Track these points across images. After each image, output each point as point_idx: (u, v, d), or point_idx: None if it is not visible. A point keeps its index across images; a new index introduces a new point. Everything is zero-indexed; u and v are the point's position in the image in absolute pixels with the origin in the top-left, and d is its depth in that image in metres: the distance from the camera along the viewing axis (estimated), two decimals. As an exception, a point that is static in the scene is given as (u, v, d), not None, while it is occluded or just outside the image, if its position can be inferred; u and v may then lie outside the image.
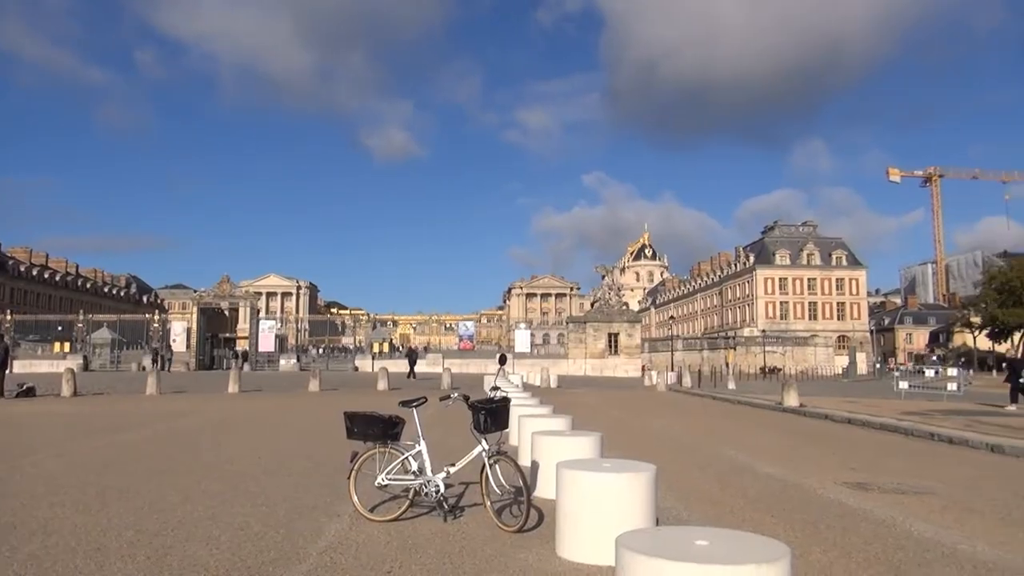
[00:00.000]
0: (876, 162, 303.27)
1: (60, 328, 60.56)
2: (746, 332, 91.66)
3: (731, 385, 37.12)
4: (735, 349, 75.21)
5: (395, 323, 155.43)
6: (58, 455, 10.27)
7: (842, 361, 73.67)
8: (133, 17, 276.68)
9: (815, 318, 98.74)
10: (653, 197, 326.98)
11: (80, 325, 56.28)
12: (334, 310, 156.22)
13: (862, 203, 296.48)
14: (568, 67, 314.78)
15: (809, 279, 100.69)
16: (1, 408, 19.10)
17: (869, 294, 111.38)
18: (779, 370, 65.76)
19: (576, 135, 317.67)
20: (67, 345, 55.14)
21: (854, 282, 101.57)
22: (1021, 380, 21.04)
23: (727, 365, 62.03)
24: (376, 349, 61.34)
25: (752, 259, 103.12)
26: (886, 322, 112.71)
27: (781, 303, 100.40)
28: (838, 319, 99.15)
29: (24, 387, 23.22)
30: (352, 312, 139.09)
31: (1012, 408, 20.23)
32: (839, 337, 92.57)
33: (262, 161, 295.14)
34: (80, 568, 4.85)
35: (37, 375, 35.78)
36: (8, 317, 56.37)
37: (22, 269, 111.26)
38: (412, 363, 40.36)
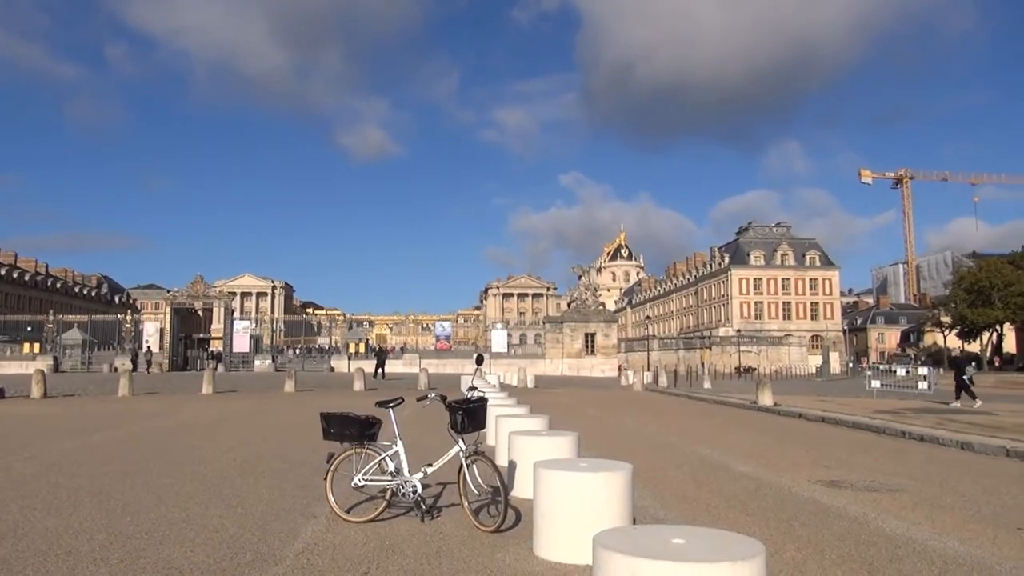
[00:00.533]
0: (849, 163, 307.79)
1: (29, 329, 59.65)
2: (721, 332, 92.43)
3: (707, 384, 37.41)
4: (710, 349, 75.77)
5: (371, 323, 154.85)
6: (28, 457, 10.11)
7: (815, 360, 74.49)
8: (104, 12, 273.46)
9: (789, 318, 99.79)
10: (629, 197, 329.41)
11: (50, 325, 55.45)
12: (310, 310, 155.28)
13: (835, 204, 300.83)
14: (545, 67, 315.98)
15: (783, 279, 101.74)
16: (-31, 410, 18.77)
17: (842, 294, 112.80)
18: (754, 370, 66.36)
19: (553, 135, 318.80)
20: (37, 346, 54.31)
21: (827, 282, 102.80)
22: (964, 377, 21.79)
23: (702, 365, 62.48)
24: (352, 349, 61.04)
25: (727, 259, 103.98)
26: (859, 322, 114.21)
27: (756, 303, 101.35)
28: (812, 319, 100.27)
29: (-8, 389, 22.82)
30: (328, 312, 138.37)
31: (956, 404, 20.90)
32: (813, 337, 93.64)
33: (237, 160, 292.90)
34: (51, 572, 4.78)
35: (6, 376, 35.14)
36: (-25, 317, 55.38)
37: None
38: (381, 363, 40.25)
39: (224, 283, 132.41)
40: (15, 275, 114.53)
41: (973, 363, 22.53)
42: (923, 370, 27.67)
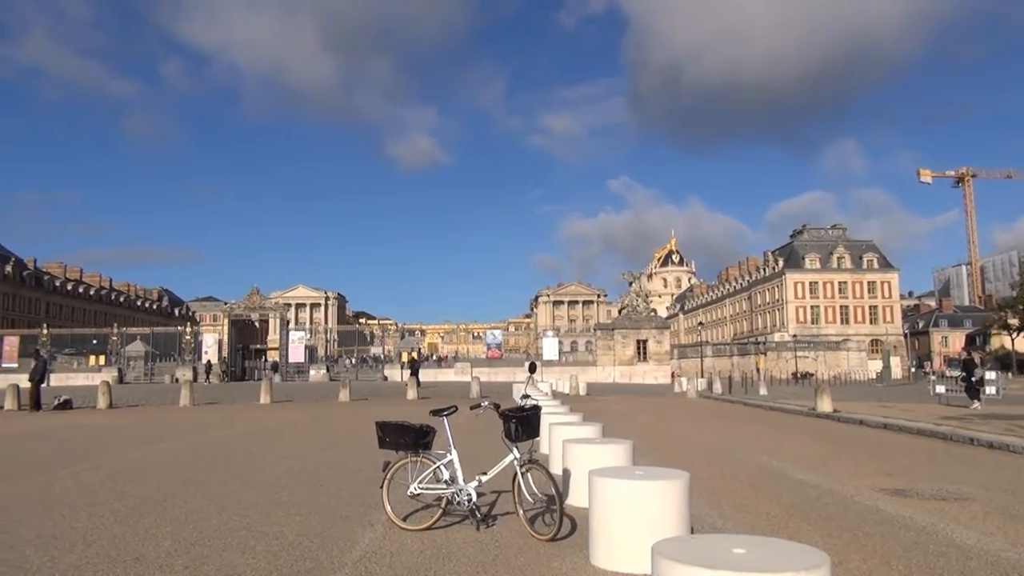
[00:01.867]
0: (907, 162, 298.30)
1: (95, 341, 61.65)
2: (776, 337, 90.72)
3: (762, 391, 36.75)
4: (766, 354, 74.44)
5: (423, 332, 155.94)
6: (96, 466, 10.44)
7: (876, 365, 72.56)
8: (157, 28, 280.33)
9: (847, 322, 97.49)
10: (680, 202, 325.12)
11: (114, 338, 57.22)
12: (362, 320, 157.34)
13: (894, 204, 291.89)
14: (592, 71, 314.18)
15: (840, 283, 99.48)
16: (39, 420, 19.48)
17: (902, 297, 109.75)
18: (811, 375, 64.97)
19: (601, 140, 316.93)
20: (102, 358, 56.09)
21: (886, 285, 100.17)
22: (973, 379, 21.77)
23: (758, 370, 61.42)
24: (405, 359, 61.61)
25: (781, 263, 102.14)
26: (920, 325, 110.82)
27: (812, 307, 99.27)
28: (871, 323, 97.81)
29: (61, 400, 23.68)
30: (380, 322, 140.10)
31: (976, 407, 20.65)
32: (872, 341, 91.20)
33: (288, 172, 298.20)
34: (120, 578, 4.92)
35: (73, 388, 36.46)
36: (45, 331, 57.49)
37: (57, 284, 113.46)
38: (415, 372, 41.15)
39: (279, 295, 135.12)
40: (81, 290, 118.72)
41: (980, 366, 22.87)
42: (991, 374, 26.74)
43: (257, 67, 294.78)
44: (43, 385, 24.62)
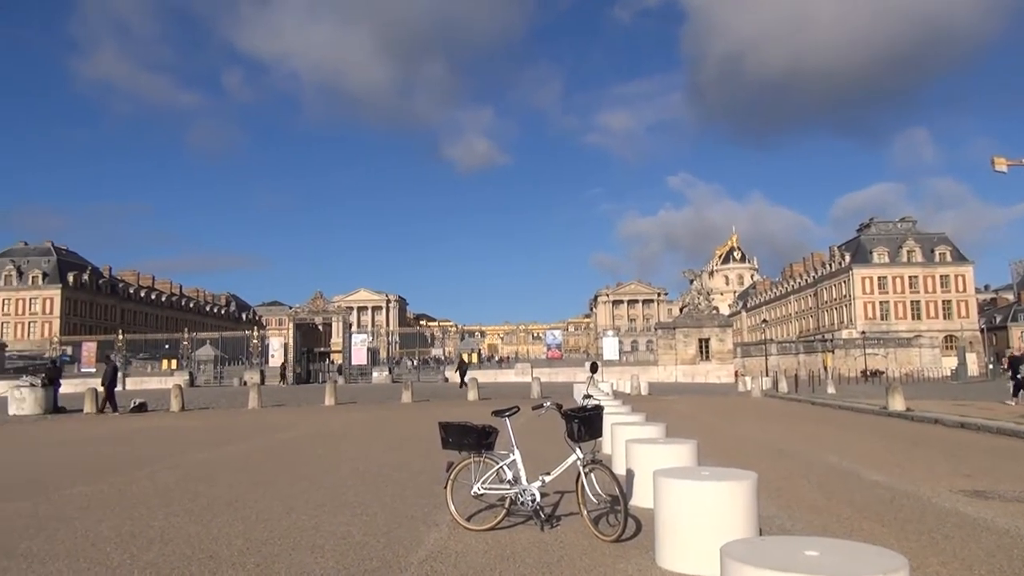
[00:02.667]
0: (982, 150, 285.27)
1: (167, 346, 63.68)
2: (844, 334, 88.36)
3: (830, 389, 35.81)
4: (833, 352, 72.55)
5: (483, 333, 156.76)
6: (171, 467, 10.79)
7: (950, 362, 70.03)
8: (218, 40, 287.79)
9: (919, 318, 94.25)
10: (741, 197, 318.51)
11: (185, 343, 59.03)
12: (423, 322, 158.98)
13: (969, 194, 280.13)
14: (649, 66, 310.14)
15: (911, 277, 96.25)
16: (117, 423, 20.24)
17: (978, 290, 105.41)
18: (881, 373, 63.06)
19: (659, 136, 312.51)
20: (174, 362, 57.89)
21: (960, 278, 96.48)
22: (1019, 376, 21.09)
23: (825, 369, 59.90)
24: (466, 359, 62.03)
25: (848, 258, 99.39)
26: (998, 320, 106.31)
27: (881, 303, 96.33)
28: (944, 318, 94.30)
29: (137, 403, 24.56)
30: (440, 324, 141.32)
31: (1012, 403, 20.00)
32: (946, 337, 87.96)
33: (347, 177, 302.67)
34: (196, 574, 5.06)
35: (148, 391, 37.79)
36: (120, 337, 59.66)
37: (131, 291, 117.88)
38: (463, 374, 42.05)
39: (341, 298, 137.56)
40: (153, 296, 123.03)
41: None
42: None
43: (315, 74, 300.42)
44: (116, 388, 25.56)
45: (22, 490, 8.76)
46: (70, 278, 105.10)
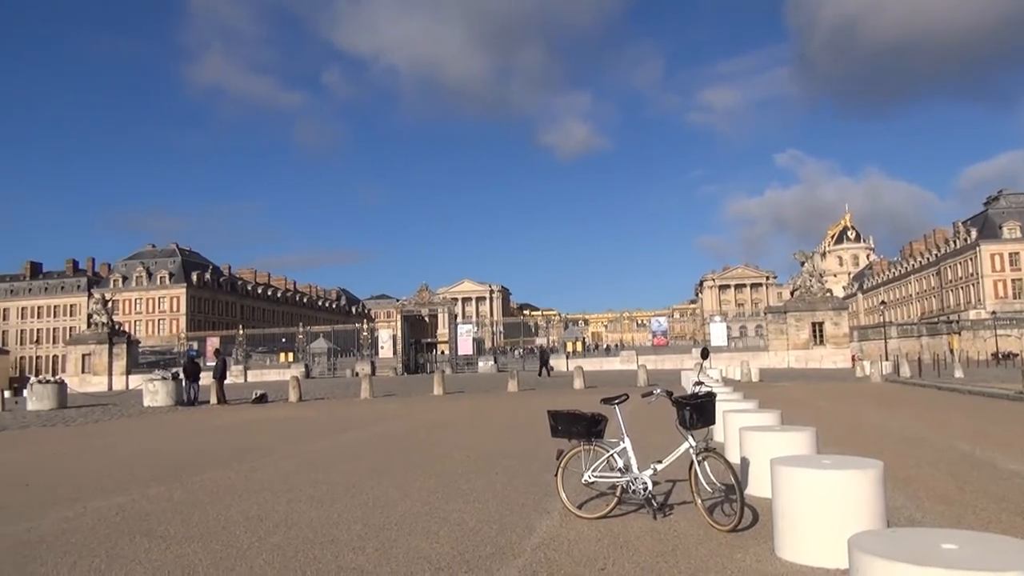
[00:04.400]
0: None
1: (283, 340, 66.54)
2: (972, 315, 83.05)
3: (958, 373, 33.75)
4: (960, 334, 68.42)
5: (586, 322, 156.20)
6: (291, 455, 11.27)
7: (1094, 343, 64.76)
8: (318, 39, 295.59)
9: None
10: (855, 172, 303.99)
11: (300, 337, 61.48)
12: (526, 312, 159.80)
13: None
14: (754, 40, 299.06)
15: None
16: (239, 413, 21.33)
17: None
18: (1015, 355, 58.96)
19: (765, 112, 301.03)
20: (290, 355, 60.46)
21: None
22: None
23: (951, 351, 56.56)
24: (570, 348, 62.02)
25: (975, 234, 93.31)
26: None
27: (1013, 281, 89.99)
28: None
29: (258, 394, 25.81)
30: (544, 313, 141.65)
31: None
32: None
33: (448, 168, 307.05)
34: (318, 558, 5.26)
35: (268, 383, 39.66)
36: (240, 332, 62.76)
37: (249, 288, 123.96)
38: (545, 362, 42.72)
39: (446, 290, 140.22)
40: (269, 293, 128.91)
41: None
42: None
43: (412, 68, 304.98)
44: (224, 382, 26.92)
45: (158, 476, 9.35)
46: (193, 277, 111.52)
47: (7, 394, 32.95)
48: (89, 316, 62.68)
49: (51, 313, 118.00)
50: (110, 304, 61.57)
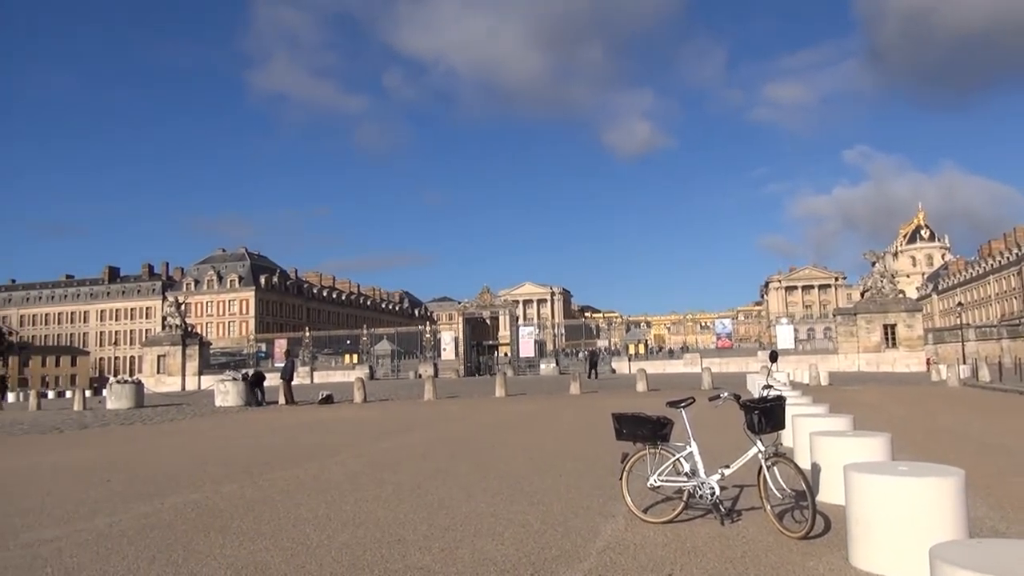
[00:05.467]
0: None
1: (348, 342, 67.75)
2: (1056, 316, 79.31)
3: (1041, 378, 32.25)
4: (1043, 336, 65.25)
5: (648, 324, 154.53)
6: (358, 455, 11.46)
7: None
8: (378, 42, 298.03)
9: None
10: (929, 167, 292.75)
11: (364, 338, 62.50)
12: (587, 314, 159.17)
13: None
14: (820, 32, 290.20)
15: None
16: (307, 414, 21.79)
17: None
18: (1103, 359, 56.05)
19: (833, 107, 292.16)
20: (355, 357, 61.50)
21: None
22: None
23: (1033, 355, 54.06)
24: (632, 351, 61.45)
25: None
26: None
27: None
28: None
29: (324, 395, 26.35)
30: (605, 315, 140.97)
31: None
32: None
33: (508, 170, 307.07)
34: (386, 557, 5.33)
35: (334, 384, 40.44)
36: (307, 334, 64.12)
37: (315, 291, 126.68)
38: (594, 364, 42.81)
39: (507, 292, 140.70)
40: (334, 295, 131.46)
41: None
42: None
43: (472, 69, 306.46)
44: (292, 383, 27.51)
45: (230, 474, 9.63)
46: (262, 280, 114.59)
47: (88, 393, 34.36)
48: (164, 319, 64.92)
49: (128, 316, 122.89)
50: (183, 307, 63.71)
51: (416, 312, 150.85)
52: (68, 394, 55.46)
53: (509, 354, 61.08)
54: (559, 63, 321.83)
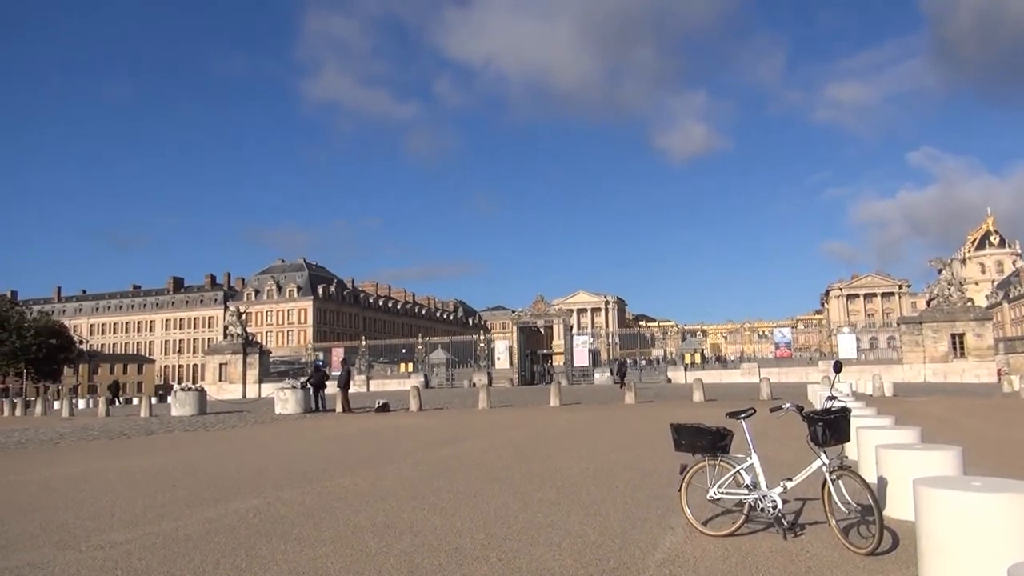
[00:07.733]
0: None
1: (404, 350, 68.39)
2: None
3: (1122, 390, 30.76)
4: (1123, 346, 62.32)
5: (704, 333, 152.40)
6: (414, 463, 11.54)
7: None
8: (428, 49, 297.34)
9: None
10: (1001, 170, 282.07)
11: (419, 347, 63.01)
12: (642, 323, 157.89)
13: None
14: (884, 30, 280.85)
15: None
16: (364, 422, 22.06)
17: None
18: None
19: (897, 107, 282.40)
20: (410, 365, 62.04)
21: None
22: None
23: (1113, 366, 51.62)
24: (688, 360, 60.63)
25: None
26: None
27: None
28: None
29: (380, 403, 26.64)
30: (660, 324, 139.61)
31: None
32: None
33: (559, 176, 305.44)
34: (444, 566, 5.35)
35: (390, 392, 40.91)
36: (363, 343, 64.99)
37: (371, 300, 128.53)
38: (622, 375, 42.24)
39: (561, 301, 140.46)
40: (390, 305, 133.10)
41: None
42: None
43: (522, 73, 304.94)
44: (349, 391, 27.85)
45: (291, 481, 9.80)
46: (320, 290, 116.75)
47: (153, 400, 35.41)
48: (225, 328, 66.57)
49: (192, 325, 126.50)
50: (244, 316, 65.23)
51: (470, 321, 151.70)
52: (135, 401, 57.29)
53: (563, 363, 60.90)
54: (610, 65, 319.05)
